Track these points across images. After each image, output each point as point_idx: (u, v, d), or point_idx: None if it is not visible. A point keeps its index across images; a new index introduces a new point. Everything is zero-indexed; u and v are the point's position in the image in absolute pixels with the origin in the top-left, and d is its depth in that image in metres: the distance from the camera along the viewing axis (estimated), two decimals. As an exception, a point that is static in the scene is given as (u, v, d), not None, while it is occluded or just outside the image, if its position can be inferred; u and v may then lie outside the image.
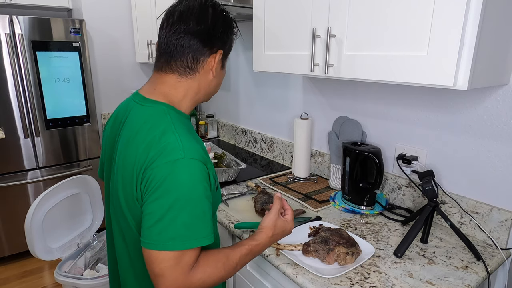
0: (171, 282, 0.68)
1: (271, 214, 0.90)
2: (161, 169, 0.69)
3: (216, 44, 0.81)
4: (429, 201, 1.09)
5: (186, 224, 0.69)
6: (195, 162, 0.71)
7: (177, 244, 0.68)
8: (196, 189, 0.71)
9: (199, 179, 0.71)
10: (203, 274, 0.72)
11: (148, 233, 0.69)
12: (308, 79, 1.73)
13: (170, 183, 0.69)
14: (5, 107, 2.25)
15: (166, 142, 0.72)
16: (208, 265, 0.74)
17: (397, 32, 0.94)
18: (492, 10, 0.83)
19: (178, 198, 0.69)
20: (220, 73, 0.87)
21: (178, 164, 0.70)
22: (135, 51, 2.85)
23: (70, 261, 1.74)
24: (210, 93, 0.89)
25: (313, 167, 1.77)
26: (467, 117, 1.15)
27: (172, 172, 0.69)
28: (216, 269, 0.74)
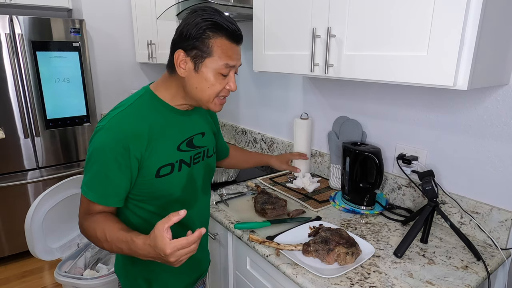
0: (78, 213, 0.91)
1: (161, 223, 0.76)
2: (95, 131, 0.87)
3: (177, 45, 0.87)
4: (429, 201, 1.09)
5: (90, 179, 0.86)
6: (110, 133, 0.84)
7: (82, 189, 0.88)
8: (104, 154, 0.84)
9: (109, 147, 0.83)
10: (86, 224, 0.87)
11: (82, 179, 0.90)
12: (308, 79, 1.73)
13: (90, 144, 0.87)
14: (5, 107, 2.25)
15: (109, 114, 0.88)
16: (92, 223, 0.86)
17: (397, 32, 0.94)
18: (492, 10, 0.83)
19: (90, 158, 0.85)
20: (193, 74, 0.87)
21: (97, 130, 0.86)
22: (135, 51, 2.85)
23: (70, 261, 1.74)
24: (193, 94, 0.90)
25: (313, 167, 1.77)
26: (467, 117, 1.15)
27: (93, 136, 0.86)
28: (92, 231, 0.86)
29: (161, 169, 0.91)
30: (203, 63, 0.86)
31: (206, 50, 0.85)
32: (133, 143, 0.85)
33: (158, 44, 2.42)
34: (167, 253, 0.72)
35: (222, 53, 0.86)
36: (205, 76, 0.87)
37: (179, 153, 0.95)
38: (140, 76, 2.98)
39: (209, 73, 0.87)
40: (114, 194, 0.88)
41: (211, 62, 0.86)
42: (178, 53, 0.86)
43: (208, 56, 0.85)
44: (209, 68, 0.86)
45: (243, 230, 1.18)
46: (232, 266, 1.35)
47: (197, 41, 0.84)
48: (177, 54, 0.86)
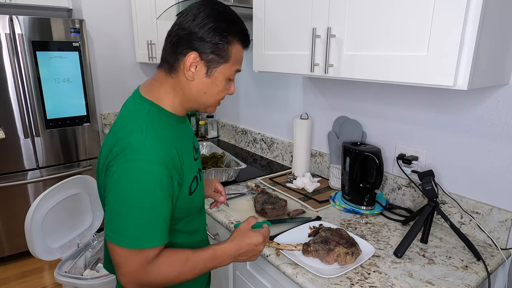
0: (125, 273, 0.74)
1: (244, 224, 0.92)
2: (119, 167, 0.71)
3: (192, 46, 0.77)
4: (429, 201, 1.09)
5: (137, 226, 0.72)
6: (152, 165, 0.72)
7: (128, 243, 0.72)
8: (149, 192, 0.72)
9: (154, 182, 0.72)
10: (158, 272, 0.75)
11: (108, 225, 0.74)
12: (308, 79, 1.73)
13: (125, 183, 0.71)
14: (5, 107, 2.25)
15: (129, 141, 0.73)
16: (166, 264, 0.76)
17: (397, 32, 0.94)
18: (492, 10, 0.83)
19: (130, 199, 0.71)
20: (202, 79, 0.80)
21: (135, 164, 0.71)
22: (135, 51, 2.85)
23: (70, 261, 1.74)
24: (196, 99, 0.83)
25: (313, 167, 1.77)
26: (467, 117, 1.15)
27: (128, 172, 0.71)
28: (172, 270, 0.77)
29: (191, 185, 0.85)
30: (217, 68, 0.80)
31: (224, 56, 0.79)
32: (173, 169, 0.76)
33: (158, 44, 2.42)
34: (261, 240, 0.88)
35: (236, 59, 0.82)
36: (217, 82, 0.82)
37: (195, 163, 0.91)
38: (140, 76, 2.98)
39: (221, 79, 0.82)
40: (161, 231, 0.76)
41: (225, 68, 0.81)
42: (191, 55, 0.77)
43: (225, 62, 0.80)
44: (222, 74, 0.81)
45: (243, 230, 1.18)
46: (232, 266, 1.35)
47: (217, 46, 0.77)
48: (190, 57, 0.77)
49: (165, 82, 0.82)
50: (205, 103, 0.85)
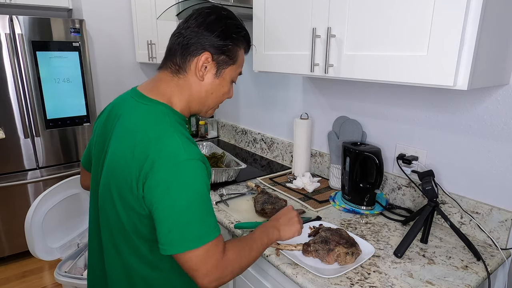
0: (207, 272, 0.72)
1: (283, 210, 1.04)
2: (165, 173, 0.70)
3: (204, 46, 0.80)
4: (429, 201, 1.09)
5: (201, 222, 0.72)
6: (197, 162, 0.72)
7: (199, 241, 0.71)
8: (201, 188, 0.73)
9: (202, 178, 0.73)
10: (233, 254, 0.77)
11: (169, 239, 0.71)
12: (308, 79, 1.73)
13: (178, 187, 0.70)
14: (5, 107, 2.25)
15: (165, 145, 0.72)
16: (235, 246, 0.79)
17: (397, 32, 0.94)
18: (492, 10, 0.83)
19: (188, 200, 0.71)
20: (211, 79, 0.83)
21: (182, 166, 0.70)
22: (135, 51, 2.85)
23: (70, 261, 1.74)
24: (202, 100, 0.86)
25: (313, 167, 1.77)
26: (467, 117, 1.15)
27: (177, 175, 0.70)
28: (241, 254, 0.80)
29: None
30: (226, 69, 0.84)
31: (233, 57, 0.84)
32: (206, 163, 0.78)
33: (158, 44, 2.42)
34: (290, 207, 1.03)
35: (240, 62, 0.87)
36: (224, 83, 0.86)
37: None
38: (140, 76, 2.98)
39: (228, 80, 0.86)
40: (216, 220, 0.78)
41: (232, 69, 0.86)
42: (204, 56, 0.80)
43: (233, 63, 0.85)
44: (228, 75, 0.86)
45: (243, 230, 1.18)
46: (232, 266, 1.35)
47: (228, 47, 0.82)
48: (203, 57, 0.80)
49: (171, 84, 0.83)
50: (209, 104, 0.88)
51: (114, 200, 0.79)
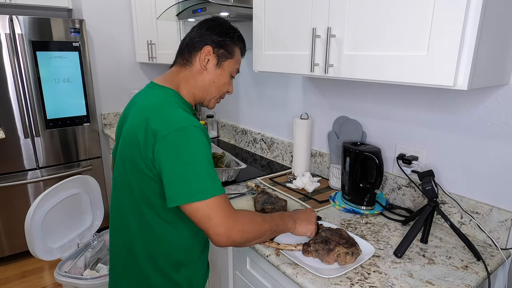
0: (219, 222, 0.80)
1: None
2: (171, 136, 0.80)
3: (206, 42, 0.98)
4: (429, 201, 1.09)
5: (210, 178, 0.81)
6: (198, 130, 0.84)
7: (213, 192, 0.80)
8: (205, 150, 0.83)
9: (205, 143, 0.84)
10: (246, 216, 0.86)
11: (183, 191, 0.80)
12: (308, 79, 1.73)
13: (183, 146, 0.80)
14: (5, 107, 2.25)
15: (170, 115, 0.85)
16: (247, 216, 0.87)
17: (397, 32, 0.94)
18: (492, 10, 0.83)
19: (194, 158, 0.80)
20: (213, 69, 1.00)
21: (186, 130, 0.82)
22: (135, 51, 2.85)
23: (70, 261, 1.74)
24: (204, 88, 1.01)
25: (313, 167, 1.77)
26: (467, 117, 1.15)
27: (182, 137, 0.81)
28: (255, 216, 0.89)
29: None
30: (225, 63, 1.01)
31: (230, 52, 1.01)
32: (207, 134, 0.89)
33: (158, 44, 2.42)
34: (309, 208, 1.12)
35: (237, 59, 1.05)
36: (224, 74, 1.02)
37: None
38: (140, 76, 2.98)
39: (227, 72, 1.02)
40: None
41: (230, 63, 1.02)
42: (206, 48, 0.97)
43: (231, 58, 1.02)
44: (228, 68, 1.02)
45: (243, 230, 1.18)
46: (232, 266, 1.35)
47: (226, 42, 0.99)
48: (205, 49, 0.97)
49: (180, 74, 1.00)
50: (211, 93, 1.02)
51: (126, 168, 0.91)
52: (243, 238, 0.84)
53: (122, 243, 1.00)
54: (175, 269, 0.98)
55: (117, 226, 1.01)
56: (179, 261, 0.98)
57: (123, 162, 0.93)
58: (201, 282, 1.09)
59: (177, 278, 0.99)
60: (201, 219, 0.81)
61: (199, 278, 1.07)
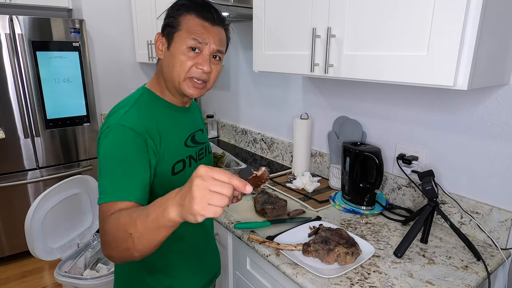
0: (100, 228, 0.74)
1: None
2: (102, 135, 0.81)
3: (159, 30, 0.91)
4: (429, 201, 1.09)
5: (112, 180, 0.76)
6: (126, 129, 0.79)
7: (105, 197, 0.74)
8: (123, 149, 0.78)
9: (128, 142, 0.79)
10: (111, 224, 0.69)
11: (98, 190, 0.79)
12: (308, 79, 1.73)
13: (104, 145, 0.79)
14: (5, 107, 2.25)
15: (114, 115, 0.83)
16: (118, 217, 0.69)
17: (397, 32, 0.94)
18: (492, 10, 0.83)
19: (106, 158, 0.78)
20: (166, 53, 0.89)
21: (111, 128, 0.80)
22: (135, 51, 2.85)
23: (70, 261, 1.74)
24: (167, 76, 0.89)
25: (313, 167, 1.77)
26: (467, 117, 1.15)
27: (106, 136, 0.80)
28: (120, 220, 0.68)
29: (175, 166, 0.90)
30: (173, 39, 0.87)
31: (175, 25, 0.87)
32: (149, 139, 0.82)
33: (158, 44, 2.42)
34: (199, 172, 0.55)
35: (190, 27, 0.86)
36: (175, 52, 0.86)
37: (187, 148, 0.97)
38: (140, 76, 2.98)
39: (179, 49, 0.86)
40: (137, 188, 0.77)
41: (179, 36, 0.86)
42: (157, 36, 0.91)
43: (177, 30, 0.86)
44: (178, 44, 0.86)
45: (243, 230, 1.18)
46: (232, 266, 1.35)
47: (169, 18, 0.88)
48: (156, 36, 0.91)
49: (157, 72, 0.94)
50: (172, 78, 0.88)
51: None
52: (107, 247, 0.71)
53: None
54: (150, 272, 0.94)
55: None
56: (153, 264, 0.94)
57: None
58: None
59: (152, 283, 0.95)
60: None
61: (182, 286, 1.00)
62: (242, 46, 2.18)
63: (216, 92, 2.56)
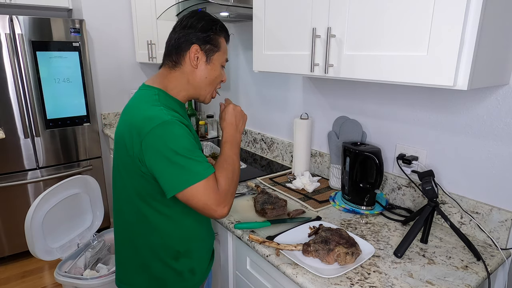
0: (215, 202, 0.90)
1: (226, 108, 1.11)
2: (154, 134, 0.86)
3: (192, 41, 0.99)
4: (429, 201, 1.09)
5: (198, 162, 0.89)
6: (175, 123, 0.88)
7: (198, 177, 0.88)
8: (186, 140, 0.89)
9: (182, 134, 0.89)
10: (225, 180, 0.94)
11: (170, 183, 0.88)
12: (308, 79, 1.73)
13: (166, 140, 0.86)
14: (5, 107, 2.25)
15: (151, 113, 0.90)
16: (222, 174, 0.95)
17: (397, 32, 0.94)
18: (492, 10, 0.83)
19: (180, 148, 0.87)
20: (204, 66, 1.01)
21: (165, 124, 0.87)
22: (135, 51, 2.85)
23: (70, 261, 1.74)
24: (198, 85, 1.02)
25: (313, 167, 1.77)
26: (467, 117, 1.15)
27: (162, 133, 0.86)
28: (227, 171, 0.97)
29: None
30: (213, 56, 1.01)
31: (217, 45, 1.01)
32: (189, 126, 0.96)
33: (158, 44, 2.42)
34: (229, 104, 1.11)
35: (224, 50, 1.05)
36: (215, 68, 1.03)
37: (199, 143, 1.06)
38: (140, 76, 2.98)
39: (217, 65, 1.03)
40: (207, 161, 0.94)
41: (219, 56, 1.03)
42: (193, 47, 0.98)
43: (218, 50, 1.02)
44: (217, 61, 1.03)
45: (243, 230, 1.18)
46: (232, 266, 1.35)
47: (210, 36, 1.00)
48: (193, 49, 0.98)
49: (169, 75, 1.02)
50: (205, 88, 1.04)
51: (120, 169, 0.99)
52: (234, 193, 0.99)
53: (124, 237, 1.07)
54: (175, 258, 1.04)
55: (119, 222, 1.08)
56: (178, 251, 1.04)
57: (117, 163, 1.01)
58: (204, 270, 1.14)
59: (177, 267, 1.05)
60: (198, 204, 0.90)
61: (201, 266, 1.12)
62: (242, 46, 2.18)
63: (216, 92, 2.56)
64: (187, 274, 1.07)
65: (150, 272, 1.05)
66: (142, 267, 1.05)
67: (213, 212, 0.91)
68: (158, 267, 1.04)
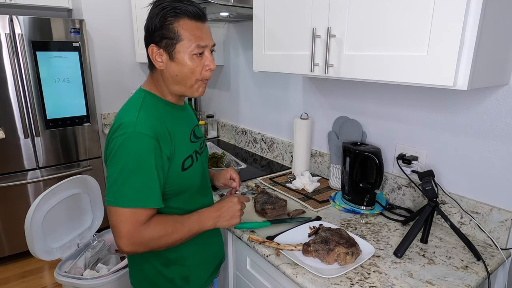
0: (123, 233, 0.84)
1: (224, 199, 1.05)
2: (116, 141, 0.85)
3: (148, 41, 0.91)
4: (429, 201, 1.09)
5: (135, 188, 0.84)
6: (143, 136, 0.84)
7: (127, 203, 0.83)
8: (143, 158, 0.84)
9: (146, 150, 0.84)
10: (153, 231, 0.87)
11: (108, 192, 0.85)
12: (308, 79, 1.73)
13: (120, 152, 0.84)
14: (5, 107, 2.25)
15: (124, 119, 0.87)
16: (159, 224, 0.88)
17: (397, 32, 0.94)
18: (492, 10, 0.83)
19: (126, 165, 0.83)
20: (169, 64, 0.90)
21: (128, 136, 0.84)
22: (135, 51, 2.85)
23: (70, 261, 1.74)
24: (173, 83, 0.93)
25: (313, 167, 1.77)
26: (467, 117, 1.15)
27: (122, 143, 0.84)
28: (165, 228, 0.88)
29: (184, 162, 0.96)
30: (175, 50, 0.89)
31: (174, 36, 0.88)
32: (163, 143, 0.88)
33: (158, 44, 2.42)
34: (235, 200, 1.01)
35: (190, 35, 0.88)
36: (182, 61, 0.90)
37: (192, 144, 1.02)
38: (140, 76, 2.98)
39: (185, 58, 0.89)
40: (158, 194, 0.88)
41: (182, 46, 0.88)
42: (150, 48, 0.90)
43: (178, 41, 0.88)
44: (182, 53, 0.89)
45: (243, 230, 1.18)
46: (232, 266, 1.35)
47: (162, 30, 0.87)
48: (150, 50, 0.90)
49: (152, 78, 0.97)
50: (183, 85, 0.94)
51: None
52: (148, 249, 0.89)
53: None
54: (165, 265, 1.02)
55: None
56: (168, 258, 1.01)
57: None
58: (203, 278, 1.10)
59: (168, 274, 1.03)
60: (111, 224, 0.85)
61: (197, 274, 1.08)
62: (242, 46, 2.18)
63: (216, 92, 2.56)
64: (179, 282, 1.04)
65: (144, 275, 1.05)
66: (138, 270, 1.06)
67: (117, 240, 0.85)
68: (150, 271, 1.03)
